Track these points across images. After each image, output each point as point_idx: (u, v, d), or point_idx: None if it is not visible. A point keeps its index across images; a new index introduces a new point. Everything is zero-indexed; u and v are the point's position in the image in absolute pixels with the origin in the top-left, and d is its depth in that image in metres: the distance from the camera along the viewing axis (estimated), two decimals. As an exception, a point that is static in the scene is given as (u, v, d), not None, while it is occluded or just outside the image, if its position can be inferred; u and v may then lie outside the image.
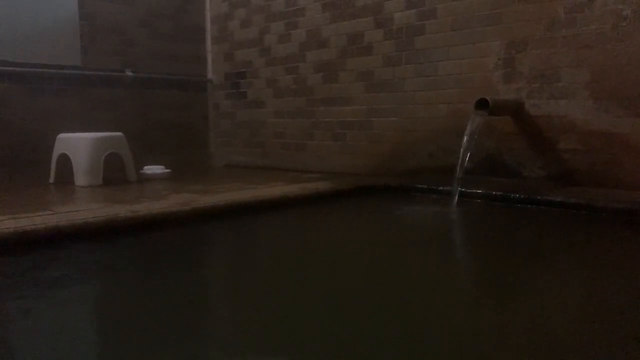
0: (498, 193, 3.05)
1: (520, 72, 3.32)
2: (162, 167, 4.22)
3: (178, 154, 5.09)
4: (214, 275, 2.12)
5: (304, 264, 2.12)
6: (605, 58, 2.99)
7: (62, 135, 3.90)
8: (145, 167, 4.19)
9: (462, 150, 3.12)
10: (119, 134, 3.96)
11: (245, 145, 5.21)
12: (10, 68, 4.18)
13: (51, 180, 3.90)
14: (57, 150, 3.88)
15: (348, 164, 4.33)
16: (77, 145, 3.75)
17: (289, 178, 3.95)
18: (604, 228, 2.53)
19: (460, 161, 3.10)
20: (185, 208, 2.70)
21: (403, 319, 1.49)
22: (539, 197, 2.89)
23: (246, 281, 1.92)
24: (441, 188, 3.28)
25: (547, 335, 1.36)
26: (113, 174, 3.83)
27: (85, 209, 2.62)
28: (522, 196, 2.95)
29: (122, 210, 2.58)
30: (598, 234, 2.48)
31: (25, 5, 4.30)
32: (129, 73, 4.83)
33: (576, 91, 3.12)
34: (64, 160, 3.81)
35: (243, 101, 5.19)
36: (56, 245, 2.19)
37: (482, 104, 3.14)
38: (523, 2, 3.27)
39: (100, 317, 1.63)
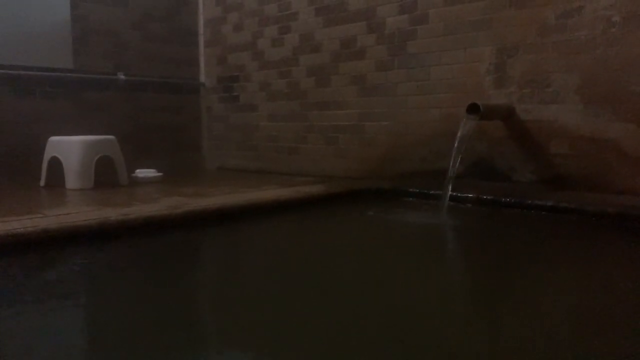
0: (489, 197, 3.07)
1: (511, 77, 3.35)
2: (154, 170, 4.21)
3: (170, 157, 5.07)
4: (203, 282, 2.11)
5: (296, 270, 2.12)
6: (596, 63, 3.02)
7: (54, 138, 3.88)
8: (137, 171, 4.17)
9: (453, 154, 3.13)
10: (110, 137, 3.94)
11: (238, 148, 5.21)
12: (1, 70, 4.15)
13: (42, 183, 3.88)
14: (48, 153, 3.86)
15: (341, 168, 4.33)
16: (69, 148, 3.74)
17: (282, 181, 3.95)
18: (594, 232, 2.54)
19: (451, 165, 3.11)
20: (177, 211, 2.69)
21: (394, 332, 1.49)
22: (529, 202, 2.91)
23: (236, 287, 1.91)
24: (433, 192, 3.29)
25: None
26: (104, 177, 3.81)
27: (76, 212, 2.61)
28: (513, 200, 2.97)
29: (113, 213, 2.56)
30: (589, 238, 2.49)
31: (17, 8, 4.28)
32: (121, 76, 4.82)
33: (567, 96, 3.14)
34: (55, 163, 3.79)
35: (236, 104, 5.19)
36: (46, 249, 2.18)
37: (473, 109, 3.16)
38: (514, 7, 3.30)
39: (83, 326, 1.60)
